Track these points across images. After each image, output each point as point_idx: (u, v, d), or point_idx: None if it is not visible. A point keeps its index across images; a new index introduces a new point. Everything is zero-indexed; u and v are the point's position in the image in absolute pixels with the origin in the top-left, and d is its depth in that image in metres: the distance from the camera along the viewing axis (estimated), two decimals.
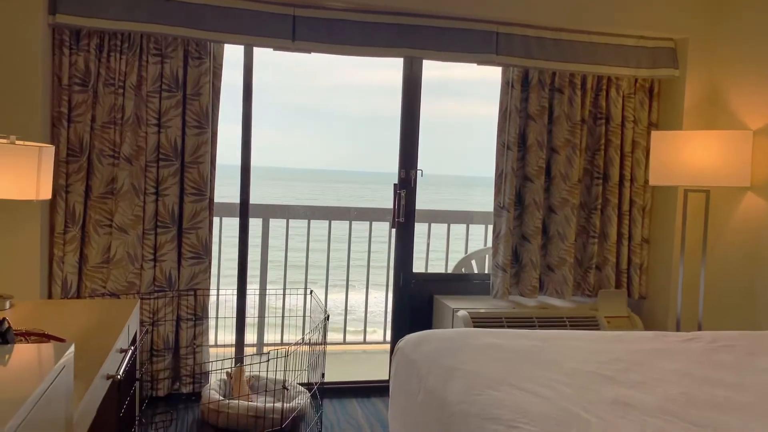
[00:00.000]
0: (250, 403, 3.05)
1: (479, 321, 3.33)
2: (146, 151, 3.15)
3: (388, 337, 4.64)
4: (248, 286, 3.57)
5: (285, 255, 4.37)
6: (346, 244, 4.43)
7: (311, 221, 4.40)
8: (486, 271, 3.94)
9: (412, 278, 3.68)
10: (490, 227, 4.46)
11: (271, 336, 4.33)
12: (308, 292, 3.50)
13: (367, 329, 4.74)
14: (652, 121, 3.72)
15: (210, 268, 3.37)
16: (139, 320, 3.19)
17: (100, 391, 1.69)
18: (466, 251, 4.47)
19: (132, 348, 2.12)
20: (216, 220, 4.05)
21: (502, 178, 3.56)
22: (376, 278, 4.97)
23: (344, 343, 4.70)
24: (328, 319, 2.99)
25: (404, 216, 3.62)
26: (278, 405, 3.06)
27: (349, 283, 4.58)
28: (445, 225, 4.69)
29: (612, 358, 2.06)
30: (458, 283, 3.77)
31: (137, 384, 2.32)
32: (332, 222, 4.47)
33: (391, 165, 3.71)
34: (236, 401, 3.07)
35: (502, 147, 3.55)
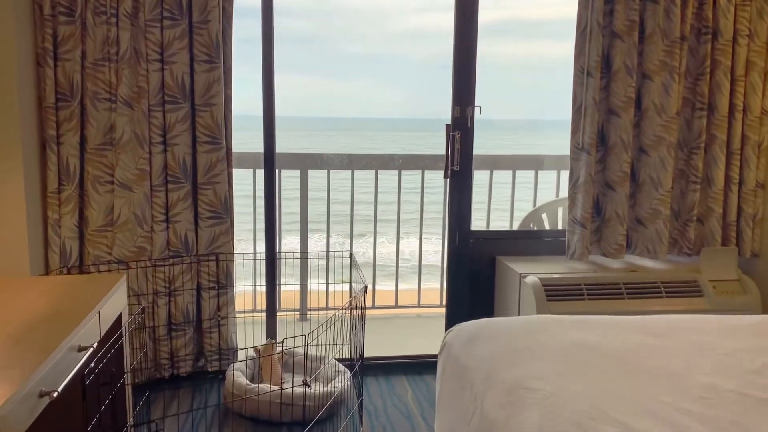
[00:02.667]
0: (279, 388, 2.59)
1: (553, 289, 2.73)
2: (148, 92, 2.64)
3: (445, 300, 4.13)
4: (281, 246, 3.08)
5: (327, 212, 3.83)
6: (395, 197, 3.87)
7: (354, 172, 3.84)
8: (560, 227, 3.32)
9: (471, 236, 3.10)
10: (564, 174, 3.82)
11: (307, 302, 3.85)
12: (348, 255, 2.97)
13: (422, 288, 4.20)
14: None
15: (232, 228, 2.89)
16: (135, 295, 2.75)
17: (24, 413, 1.21)
18: (534, 203, 3.82)
19: (112, 344, 1.64)
20: (245, 173, 3.57)
21: (581, 113, 2.89)
22: (431, 235, 4.42)
23: (396, 306, 4.20)
24: (366, 291, 2.47)
25: (459, 163, 3.02)
26: (313, 391, 2.58)
27: (400, 240, 4.04)
28: (509, 173, 4.04)
29: (763, 365, 1.43)
30: (526, 241, 3.17)
31: (125, 381, 1.86)
32: (378, 173, 3.90)
33: (446, 110, 3.09)
34: (264, 386, 2.62)
35: (581, 73, 2.87)
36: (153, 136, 2.68)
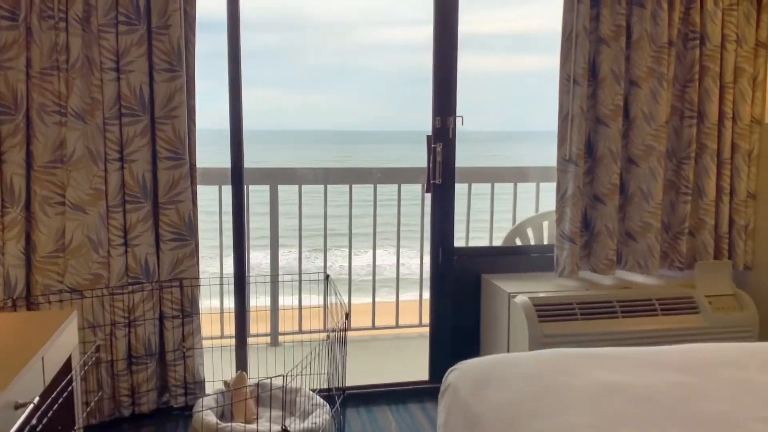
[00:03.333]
0: (251, 426, 2.35)
1: (544, 309, 2.56)
2: (103, 104, 2.41)
3: (425, 320, 3.94)
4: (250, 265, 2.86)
5: (299, 233, 3.61)
6: (369, 210, 3.67)
7: (327, 186, 3.63)
8: (545, 242, 3.16)
9: (454, 254, 2.92)
10: (545, 186, 3.68)
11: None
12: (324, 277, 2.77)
13: (400, 300, 3.98)
14: (761, 40, 2.85)
15: (197, 251, 2.66)
16: (91, 327, 2.50)
17: None
18: (514, 217, 3.67)
19: (61, 390, 1.41)
20: (211, 189, 3.34)
21: (568, 122, 2.74)
22: (408, 249, 4.24)
23: (374, 327, 3.99)
24: (348, 318, 2.26)
25: (441, 176, 2.85)
26: (292, 430, 2.36)
27: (376, 254, 3.85)
28: (487, 185, 3.87)
29: None
30: (512, 258, 3.00)
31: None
32: (353, 187, 3.71)
33: (424, 122, 2.92)
34: (236, 425, 2.38)
35: (567, 81, 2.72)
36: (109, 152, 2.44)
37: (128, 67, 2.41)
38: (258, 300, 3.23)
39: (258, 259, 4.41)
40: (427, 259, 3.13)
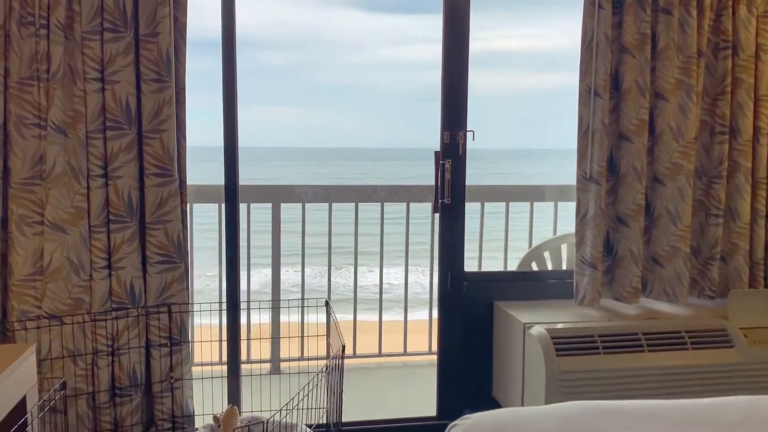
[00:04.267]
0: None
1: (562, 342, 2.34)
2: (86, 116, 2.24)
3: (434, 347, 3.73)
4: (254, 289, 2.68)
5: (302, 255, 3.43)
6: (375, 229, 3.48)
7: (332, 205, 3.45)
8: (564, 267, 2.94)
9: (464, 279, 2.71)
10: (565, 206, 3.47)
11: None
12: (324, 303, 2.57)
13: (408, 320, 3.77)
14: None
15: (187, 274, 2.48)
16: (71, 356, 2.31)
17: None
18: (530, 242, 3.45)
19: None
20: (210, 207, 3.17)
21: (588, 138, 2.53)
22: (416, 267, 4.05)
23: (380, 354, 3.78)
24: (344, 352, 2.06)
25: (450, 195, 2.64)
26: None
27: (383, 274, 3.66)
28: (500, 205, 3.66)
29: None
30: (527, 284, 2.78)
31: None
32: (359, 205, 3.52)
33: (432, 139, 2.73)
34: None
35: (587, 93, 2.52)
36: (92, 167, 2.27)
37: (114, 77, 2.24)
38: (261, 318, 3.05)
39: (267, 277, 4.21)
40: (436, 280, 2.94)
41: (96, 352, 2.37)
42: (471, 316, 2.72)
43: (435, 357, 3.71)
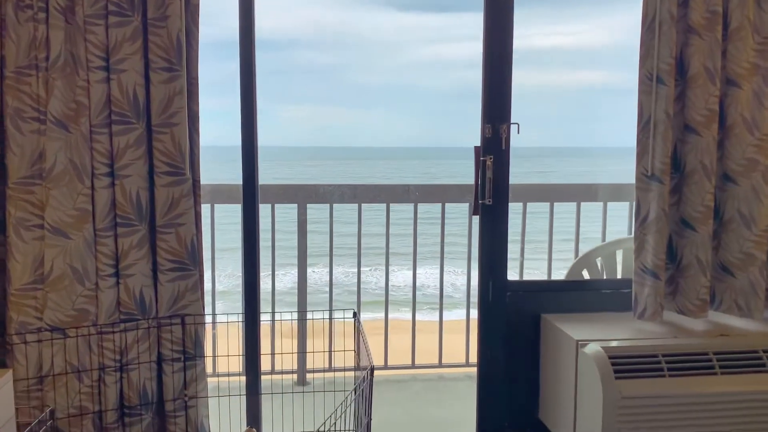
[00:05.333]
0: None
1: (622, 362, 2.05)
2: (90, 109, 2.04)
3: (471, 358, 3.47)
4: (262, 306, 2.44)
5: (330, 261, 3.21)
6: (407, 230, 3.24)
7: (360, 206, 3.21)
8: (619, 275, 2.64)
9: (507, 289, 2.44)
10: (617, 206, 3.17)
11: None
12: (352, 314, 2.32)
13: (443, 346, 3.53)
14: None
15: (202, 282, 2.26)
16: (75, 372, 2.10)
17: None
18: (576, 251, 3.15)
19: None
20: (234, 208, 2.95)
21: (650, 130, 2.24)
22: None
23: (413, 366, 3.53)
24: (372, 375, 1.81)
25: (492, 195, 2.37)
26: None
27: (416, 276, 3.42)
28: (546, 205, 3.36)
29: None
30: (578, 294, 2.49)
31: None
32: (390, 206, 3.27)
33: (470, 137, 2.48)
34: None
35: (649, 80, 2.22)
36: (96, 165, 2.07)
37: (120, 65, 2.03)
38: (284, 318, 2.86)
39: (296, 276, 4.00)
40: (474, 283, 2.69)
41: (103, 368, 2.17)
42: (515, 330, 2.44)
43: (471, 369, 3.48)
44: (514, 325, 2.44)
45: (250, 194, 2.31)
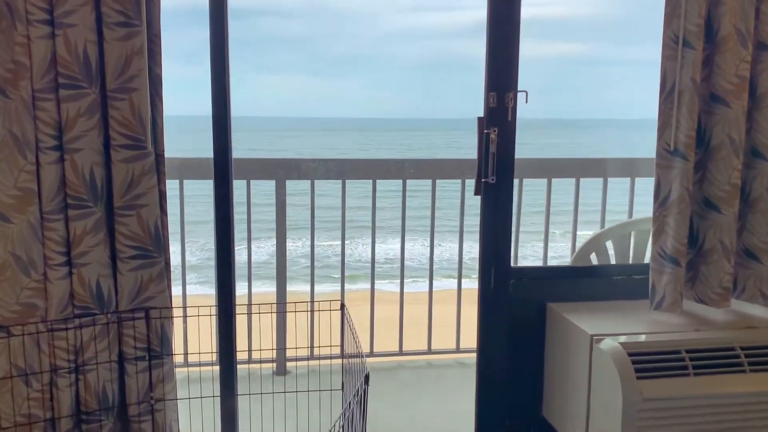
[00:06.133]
0: None
1: (644, 359, 1.84)
2: (31, 71, 1.73)
3: (462, 344, 3.28)
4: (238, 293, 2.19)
5: (311, 247, 2.95)
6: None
7: (345, 183, 2.94)
8: (631, 260, 2.42)
9: (511, 276, 2.20)
10: (614, 182, 2.96)
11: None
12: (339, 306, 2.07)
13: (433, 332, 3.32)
14: None
15: (169, 271, 1.99)
16: (23, 375, 1.83)
17: None
18: (574, 228, 2.92)
19: None
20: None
21: (674, 99, 2.00)
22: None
23: (400, 353, 3.32)
24: (367, 381, 1.57)
25: (496, 173, 2.13)
26: None
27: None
28: (541, 181, 3.12)
29: None
30: (586, 281, 2.27)
31: None
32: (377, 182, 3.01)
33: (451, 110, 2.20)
34: None
35: (674, 43, 1.98)
36: (41, 137, 1.77)
37: (66, 18, 1.73)
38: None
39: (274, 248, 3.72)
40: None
41: (55, 370, 1.89)
42: (518, 320, 2.22)
43: (462, 355, 3.28)
44: (518, 315, 2.22)
45: (222, 170, 2.03)
